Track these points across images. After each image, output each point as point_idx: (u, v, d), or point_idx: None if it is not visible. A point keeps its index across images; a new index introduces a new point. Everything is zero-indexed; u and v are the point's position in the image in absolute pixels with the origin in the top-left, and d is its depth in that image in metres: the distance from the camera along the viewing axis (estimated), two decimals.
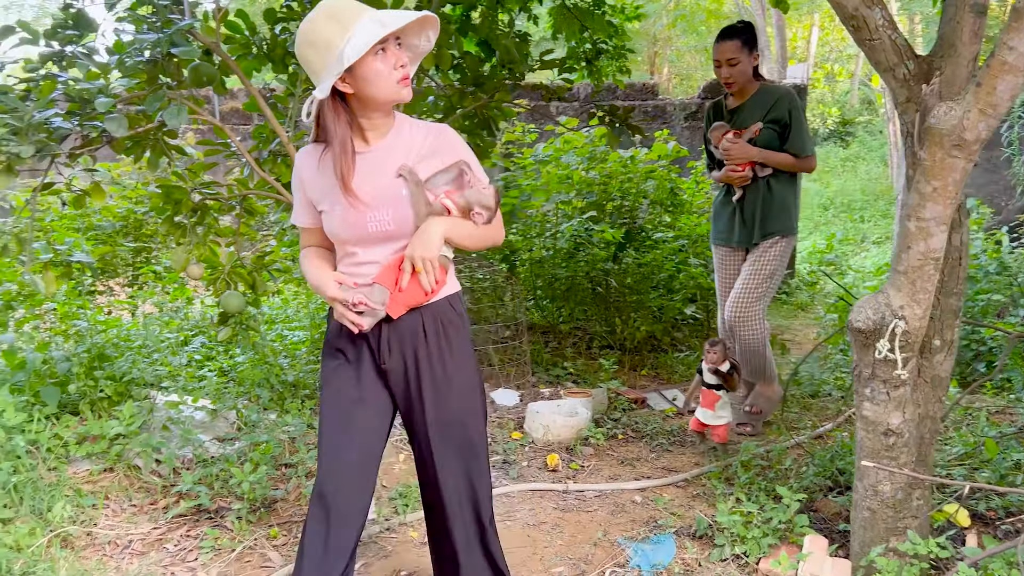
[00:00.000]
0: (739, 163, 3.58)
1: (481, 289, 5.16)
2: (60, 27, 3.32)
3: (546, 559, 2.73)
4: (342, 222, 1.91)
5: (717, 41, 3.57)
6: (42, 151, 2.92)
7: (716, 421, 3.48)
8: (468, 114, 4.08)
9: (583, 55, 4.51)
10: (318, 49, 1.78)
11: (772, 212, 3.59)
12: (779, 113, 3.54)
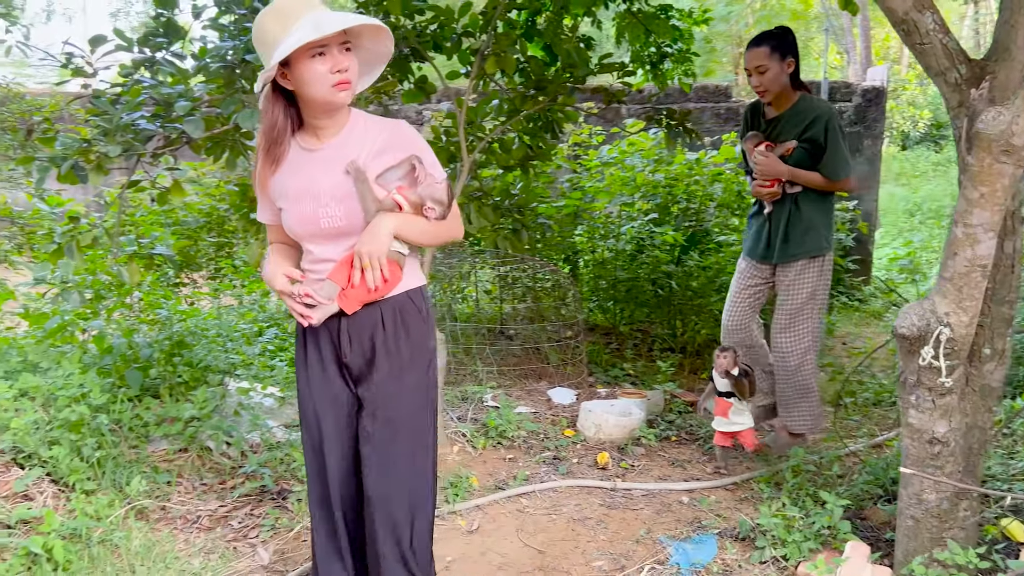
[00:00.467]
0: (768, 179, 3.40)
1: (543, 289, 5.24)
2: (151, 34, 3.56)
3: (587, 553, 2.79)
4: (296, 218, 1.94)
5: (748, 48, 3.42)
6: (128, 151, 3.16)
7: (733, 428, 3.36)
8: (531, 116, 4.17)
9: (647, 59, 4.53)
10: (263, 44, 1.83)
11: (798, 232, 3.38)
12: (815, 132, 3.32)
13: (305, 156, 1.96)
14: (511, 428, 3.77)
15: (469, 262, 5.10)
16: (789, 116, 3.38)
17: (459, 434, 3.76)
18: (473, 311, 5.49)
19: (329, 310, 1.92)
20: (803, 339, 3.44)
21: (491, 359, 4.64)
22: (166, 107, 3.31)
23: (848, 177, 3.37)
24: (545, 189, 5.41)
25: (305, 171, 1.94)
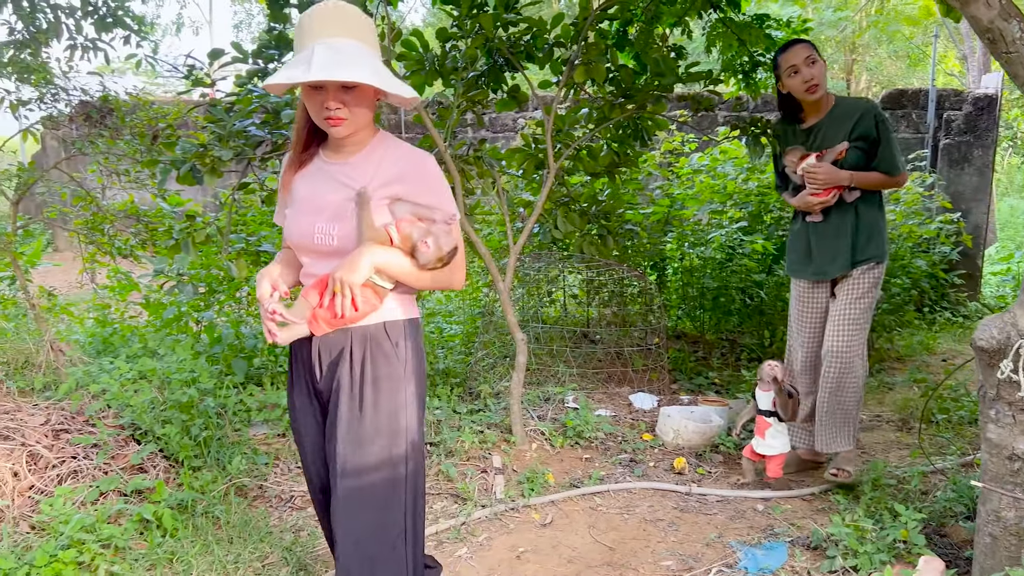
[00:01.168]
0: (827, 188, 3.18)
1: (629, 295, 5.29)
2: (264, 47, 3.85)
3: (657, 552, 2.84)
4: (294, 228, 1.92)
5: (784, 50, 3.25)
6: (240, 155, 3.43)
7: (765, 450, 3.21)
8: (619, 124, 4.24)
9: (740, 68, 4.53)
10: (296, 44, 1.81)
11: (865, 238, 3.21)
12: (865, 128, 3.16)
13: (322, 168, 1.93)
14: (589, 429, 3.85)
15: (557, 266, 5.21)
16: (831, 119, 3.24)
17: (538, 432, 3.86)
18: (560, 315, 5.59)
19: (298, 331, 1.87)
20: (856, 352, 3.24)
21: (574, 361, 4.73)
22: (274, 115, 3.58)
23: (904, 170, 3.25)
24: (634, 196, 5.46)
25: (315, 183, 1.92)
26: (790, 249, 3.47)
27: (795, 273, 3.42)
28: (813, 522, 2.99)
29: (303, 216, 1.90)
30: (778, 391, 3.14)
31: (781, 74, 3.27)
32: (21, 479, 3.14)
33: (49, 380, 4.01)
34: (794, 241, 3.42)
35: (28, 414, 3.60)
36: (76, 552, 2.61)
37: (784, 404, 3.15)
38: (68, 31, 4.68)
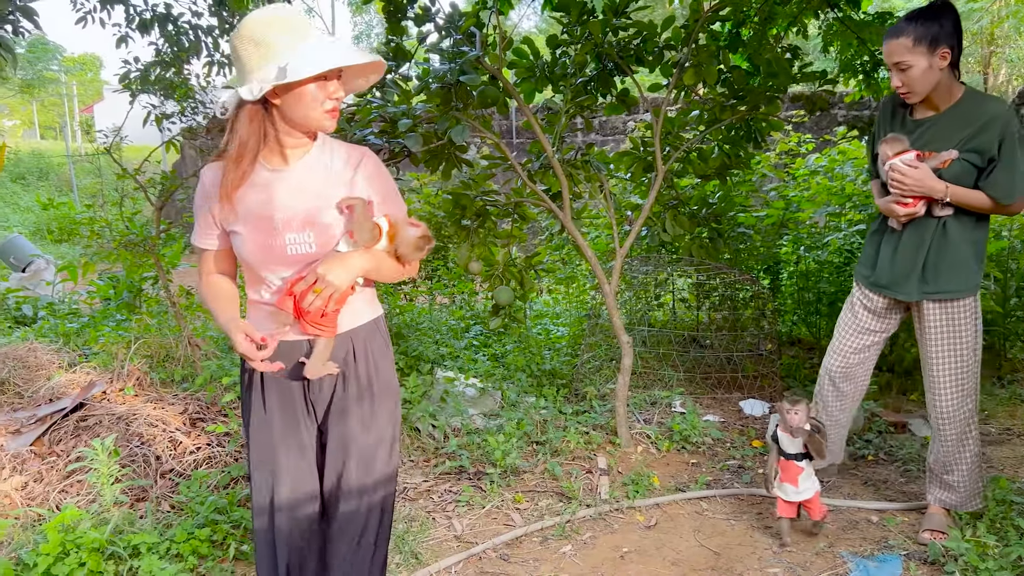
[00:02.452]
0: (913, 196, 2.64)
1: (741, 299, 5.20)
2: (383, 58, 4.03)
3: (763, 559, 2.81)
4: (257, 245, 1.80)
5: (887, 37, 2.64)
6: None
7: (801, 496, 2.81)
8: (731, 125, 4.20)
9: (859, 67, 4.38)
10: (260, 49, 1.68)
11: (944, 266, 2.68)
12: (986, 141, 2.55)
13: (271, 177, 1.82)
14: (696, 434, 3.82)
15: (665, 270, 5.18)
16: (950, 118, 2.64)
17: (644, 435, 3.87)
18: (668, 318, 5.56)
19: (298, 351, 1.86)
20: (957, 401, 2.81)
21: (681, 366, 4.70)
22: (391, 124, 3.75)
23: (1021, 197, 2.58)
24: (747, 198, 5.36)
25: (271, 194, 1.81)
26: (863, 253, 3.02)
27: (856, 276, 3.00)
28: (932, 537, 2.87)
29: (265, 230, 1.79)
30: (809, 436, 2.74)
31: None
32: (163, 462, 3.43)
33: (187, 372, 4.35)
34: (868, 242, 2.97)
35: (169, 403, 3.93)
36: (210, 531, 2.83)
37: (817, 447, 2.76)
38: (207, 48, 5.04)
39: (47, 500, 3.15)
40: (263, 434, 1.91)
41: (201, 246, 1.90)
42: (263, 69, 1.68)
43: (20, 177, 20.13)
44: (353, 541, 1.94)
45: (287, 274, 1.82)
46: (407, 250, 1.90)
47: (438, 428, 3.82)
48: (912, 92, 2.61)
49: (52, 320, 5.86)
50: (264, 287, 1.87)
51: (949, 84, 2.63)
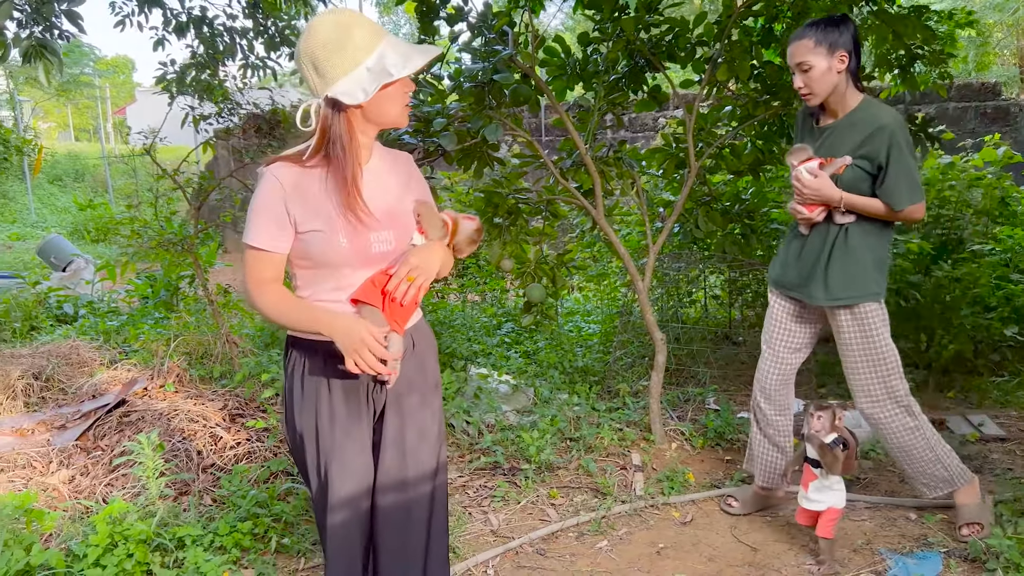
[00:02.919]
0: (815, 203, 2.70)
1: None
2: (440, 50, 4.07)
3: (801, 555, 2.80)
4: (345, 244, 1.77)
5: (790, 42, 2.75)
6: None
7: (810, 505, 2.71)
8: (764, 121, 4.18)
9: (895, 62, 4.33)
10: (344, 53, 1.69)
11: (850, 272, 2.70)
12: (874, 148, 2.61)
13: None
14: (731, 431, 3.82)
15: (697, 266, 5.17)
16: (846, 125, 2.70)
17: (678, 432, 3.87)
18: (700, 315, 5.54)
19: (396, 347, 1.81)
20: (879, 404, 2.84)
21: (715, 363, 4.69)
22: (425, 123, 3.78)
23: (918, 204, 2.64)
24: (780, 194, 5.33)
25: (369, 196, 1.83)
26: (778, 255, 3.05)
27: (773, 281, 3.03)
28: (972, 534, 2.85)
29: (356, 227, 1.78)
30: (820, 446, 2.64)
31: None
32: (204, 457, 3.50)
33: (225, 369, 4.42)
34: (786, 246, 2.99)
35: (208, 399, 4.00)
36: (252, 524, 2.89)
37: (827, 459, 2.63)
38: (242, 51, 5.12)
39: (93, 493, 3.23)
40: (331, 431, 1.88)
41: (269, 248, 1.75)
42: (353, 71, 1.69)
43: (57, 178, 20.55)
44: (413, 533, 1.97)
45: (365, 271, 1.82)
46: (464, 243, 1.99)
47: (472, 424, 3.85)
48: (812, 93, 2.67)
49: (92, 318, 5.99)
50: (335, 287, 1.83)
51: (846, 91, 2.70)
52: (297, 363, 1.89)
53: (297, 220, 1.75)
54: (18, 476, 3.37)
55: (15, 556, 2.45)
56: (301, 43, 1.73)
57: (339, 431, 1.88)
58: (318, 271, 1.81)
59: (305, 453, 1.91)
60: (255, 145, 5.48)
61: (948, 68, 4.42)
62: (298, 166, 1.76)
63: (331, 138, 1.73)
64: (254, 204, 1.76)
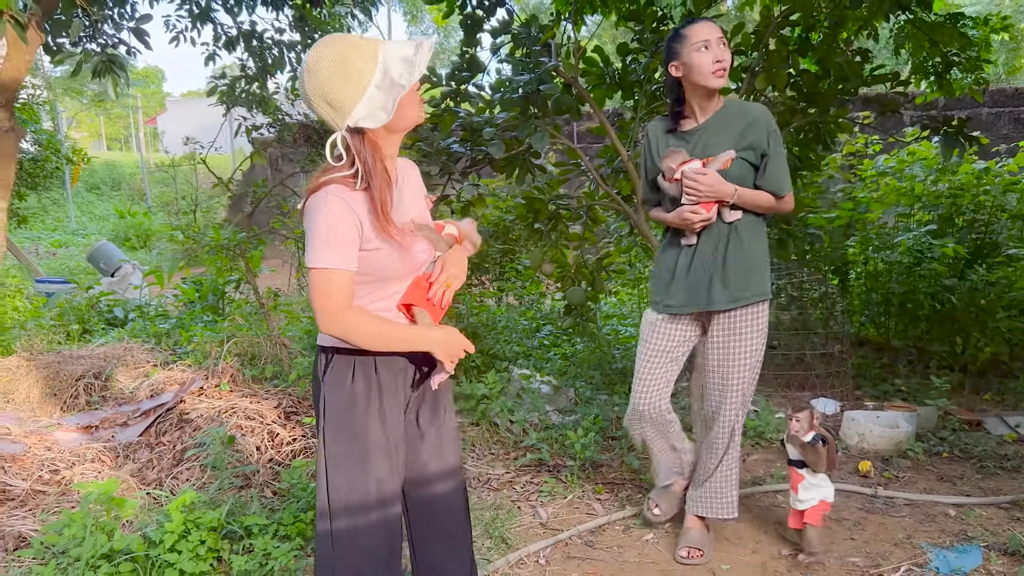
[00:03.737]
0: (706, 202, 2.63)
1: (810, 299, 5.25)
2: (457, 70, 4.23)
3: (843, 549, 2.89)
4: (399, 258, 1.84)
5: (691, 23, 2.63)
6: (443, 170, 3.80)
7: (802, 505, 2.77)
8: (800, 128, 4.27)
9: (932, 68, 4.41)
10: (351, 80, 1.72)
11: (740, 270, 2.68)
12: (756, 138, 2.62)
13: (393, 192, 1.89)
14: (769, 430, 3.91)
15: None
16: (717, 123, 2.67)
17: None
18: None
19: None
20: (738, 409, 2.84)
21: None
22: (472, 133, 3.93)
23: (791, 191, 2.70)
24: (814, 199, 5.41)
25: (400, 208, 1.88)
26: (653, 277, 2.90)
27: (654, 304, 2.86)
28: (1012, 529, 2.92)
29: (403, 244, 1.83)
30: (802, 445, 2.72)
31: (683, 49, 2.60)
32: (263, 452, 3.66)
33: (276, 370, 4.59)
34: (658, 266, 2.87)
35: (263, 398, 4.16)
36: (314, 514, 3.02)
37: (811, 458, 2.70)
38: (290, 63, 5.31)
39: (161, 485, 3.40)
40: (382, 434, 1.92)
41: (346, 268, 1.76)
42: (364, 95, 1.72)
43: (94, 187, 21.03)
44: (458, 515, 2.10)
45: (408, 281, 1.90)
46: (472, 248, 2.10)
47: (517, 423, 3.98)
48: (727, 71, 2.59)
49: (142, 322, 6.21)
50: (383, 296, 1.89)
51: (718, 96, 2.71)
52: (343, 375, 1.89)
53: (363, 239, 1.78)
54: (89, 469, 3.54)
55: (99, 541, 2.61)
56: (307, 84, 1.75)
57: (393, 434, 1.93)
58: (370, 285, 1.85)
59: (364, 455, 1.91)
60: (304, 154, 5.66)
61: (984, 74, 4.50)
62: (351, 188, 1.77)
63: (365, 166, 1.76)
64: (324, 226, 1.74)
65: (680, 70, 2.63)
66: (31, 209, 12.28)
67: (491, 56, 4.36)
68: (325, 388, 1.91)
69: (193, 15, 5.25)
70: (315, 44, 1.80)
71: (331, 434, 1.90)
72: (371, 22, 5.24)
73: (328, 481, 1.90)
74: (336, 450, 1.90)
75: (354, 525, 1.91)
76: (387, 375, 1.91)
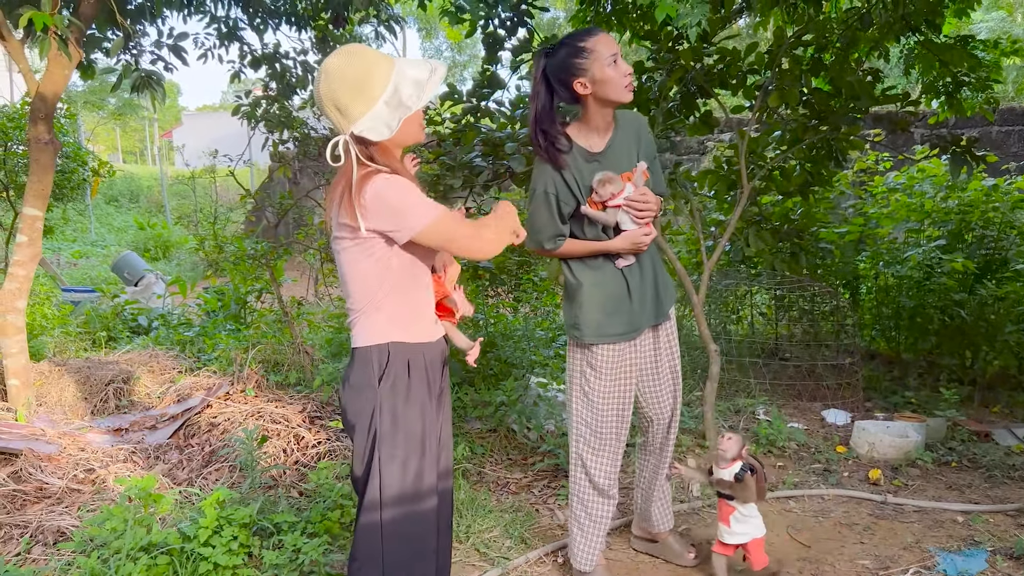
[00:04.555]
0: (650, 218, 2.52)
1: (821, 313, 5.34)
2: (478, 86, 4.37)
3: (852, 553, 2.98)
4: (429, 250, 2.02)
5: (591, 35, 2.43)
6: (465, 183, 3.93)
7: (732, 539, 2.64)
8: (812, 145, 4.38)
9: (942, 88, 4.51)
10: (363, 92, 1.81)
11: (668, 279, 2.74)
12: (647, 144, 2.61)
13: None
14: (782, 439, 4.00)
15: (745, 284, 5.36)
16: (619, 139, 2.56)
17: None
18: (748, 333, 5.72)
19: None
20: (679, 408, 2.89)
21: (764, 376, 4.87)
22: (493, 147, 4.06)
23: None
24: (826, 215, 5.51)
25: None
26: (590, 308, 2.58)
27: (606, 336, 2.59)
28: (1018, 535, 3.00)
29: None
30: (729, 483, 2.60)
31: (591, 64, 2.39)
32: (289, 455, 3.78)
33: (300, 376, 4.72)
34: (590, 303, 2.59)
35: (288, 403, 4.29)
36: (340, 513, 3.14)
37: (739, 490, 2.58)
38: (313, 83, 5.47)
39: (191, 484, 3.52)
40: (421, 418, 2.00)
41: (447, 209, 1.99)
42: (372, 108, 1.81)
43: (113, 199, 21.33)
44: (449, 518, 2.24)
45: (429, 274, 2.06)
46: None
47: (534, 429, 4.08)
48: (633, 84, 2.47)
49: (165, 330, 6.36)
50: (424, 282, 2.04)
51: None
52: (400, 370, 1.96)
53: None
54: (122, 468, 3.67)
55: (138, 534, 2.74)
56: (320, 87, 1.84)
57: (431, 424, 2.03)
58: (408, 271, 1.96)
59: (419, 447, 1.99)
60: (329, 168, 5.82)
61: (994, 94, 4.60)
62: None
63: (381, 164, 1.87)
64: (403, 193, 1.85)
65: (588, 87, 2.42)
66: (53, 220, 12.51)
67: (511, 73, 4.51)
68: (382, 386, 1.95)
69: (221, 34, 5.42)
70: (335, 51, 1.90)
71: (387, 427, 1.95)
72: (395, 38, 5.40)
73: (382, 474, 1.96)
74: (392, 442, 1.96)
75: (404, 516, 1.98)
76: (433, 366, 2.01)
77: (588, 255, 2.58)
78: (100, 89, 22.60)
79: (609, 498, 2.75)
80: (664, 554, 2.98)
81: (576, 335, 2.62)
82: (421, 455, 1.99)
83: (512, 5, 4.27)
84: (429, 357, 2.01)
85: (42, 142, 4.07)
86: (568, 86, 2.44)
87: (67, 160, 7.89)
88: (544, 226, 2.54)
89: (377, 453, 1.96)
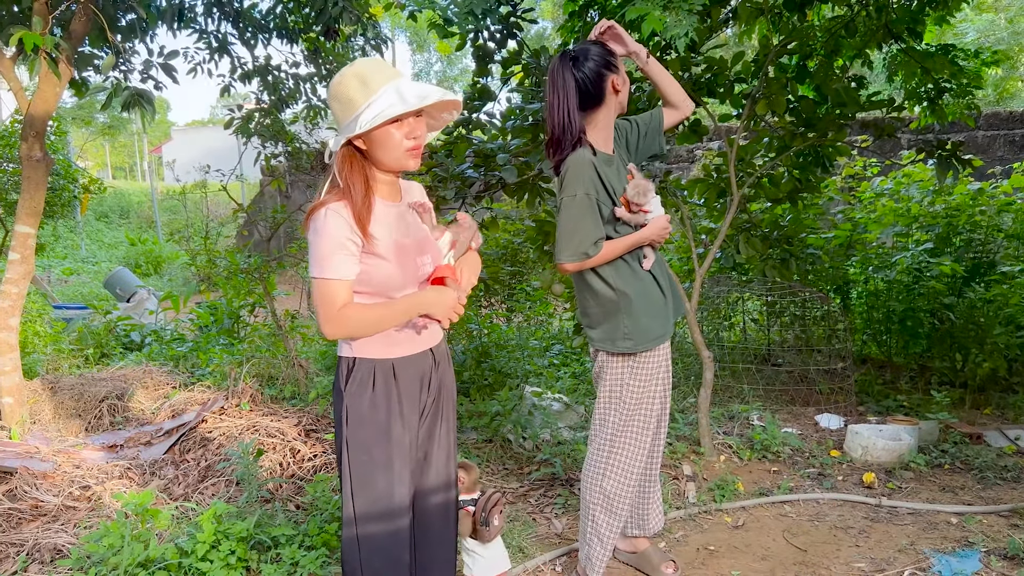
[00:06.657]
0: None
1: (812, 318, 5.38)
2: (469, 99, 4.40)
3: (848, 556, 3.00)
4: (401, 269, 1.94)
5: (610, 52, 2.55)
6: (458, 194, 3.95)
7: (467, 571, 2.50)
8: (800, 152, 4.43)
9: (924, 95, 4.56)
10: (342, 105, 1.86)
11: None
12: (626, 132, 2.71)
13: (391, 210, 1.98)
14: (776, 444, 4.02)
15: (736, 291, 5.40)
16: (616, 139, 2.66)
17: (725, 445, 4.08)
18: (740, 339, 5.76)
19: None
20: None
21: (758, 382, 4.90)
22: (485, 159, 4.09)
23: None
24: (815, 221, 5.56)
25: (398, 226, 1.97)
26: (640, 316, 2.55)
27: (653, 340, 2.58)
28: (1011, 535, 3.03)
29: (406, 257, 1.95)
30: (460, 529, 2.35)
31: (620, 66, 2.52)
32: (285, 468, 3.78)
33: (294, 389, 4.72)
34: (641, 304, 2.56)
35: (283, 417, 4.29)
36: (337, 525, 3.14)
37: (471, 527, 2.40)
38: (305, 94, 5.49)
39: (187, 500, 3.52)
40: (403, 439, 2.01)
41: (345, 277, 1.86)
42: (347, 120, 1.85)
43: (103, 215, 21.27)
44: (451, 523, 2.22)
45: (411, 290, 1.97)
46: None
47: (530, 439, 4.09)
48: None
49: (159, 345, 6.35)
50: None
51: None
52: (365, 381, 1.97)
53: (360, 250, 1.89)
54: (117, 485, 3.66)
55: (135, 549, 2.73)
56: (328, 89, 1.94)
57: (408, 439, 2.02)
58: (376, 297, 1.93)
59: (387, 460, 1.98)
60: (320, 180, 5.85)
61: (975, 99, 4.65)
62: (347, 206, 1.85)
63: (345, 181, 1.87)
64: (322, 240, 1.83)
65: (619, 87, 2.50)
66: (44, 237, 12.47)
67: (502, 85, 4.54)
68: (347, 395, 1.97)
69: (211, 48, 5.45)
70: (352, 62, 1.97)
71: (353, 441, 1.96)
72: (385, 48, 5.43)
73: (352, 488, 1.97)
74: (359, 457, 1.96)
75: (377, 529, 1.99)
76: (406, 380, 1.99)
77: (621, 254, 2.54)
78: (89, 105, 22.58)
79: (630, 505, 2.78)
80: (643, 566, 2.98)
81: (625, 347, 2.56)
82: (389, 468, 1.98)
83: (501, 17, 4.31)
84: (404, 371, 2.00)
85: (34, 159, 4.07)
86: (601, 83, 2.48)
87: (57, 177, 7.88)
88: (591, 231, 2.47)
89: (348, 466, 1.98)
